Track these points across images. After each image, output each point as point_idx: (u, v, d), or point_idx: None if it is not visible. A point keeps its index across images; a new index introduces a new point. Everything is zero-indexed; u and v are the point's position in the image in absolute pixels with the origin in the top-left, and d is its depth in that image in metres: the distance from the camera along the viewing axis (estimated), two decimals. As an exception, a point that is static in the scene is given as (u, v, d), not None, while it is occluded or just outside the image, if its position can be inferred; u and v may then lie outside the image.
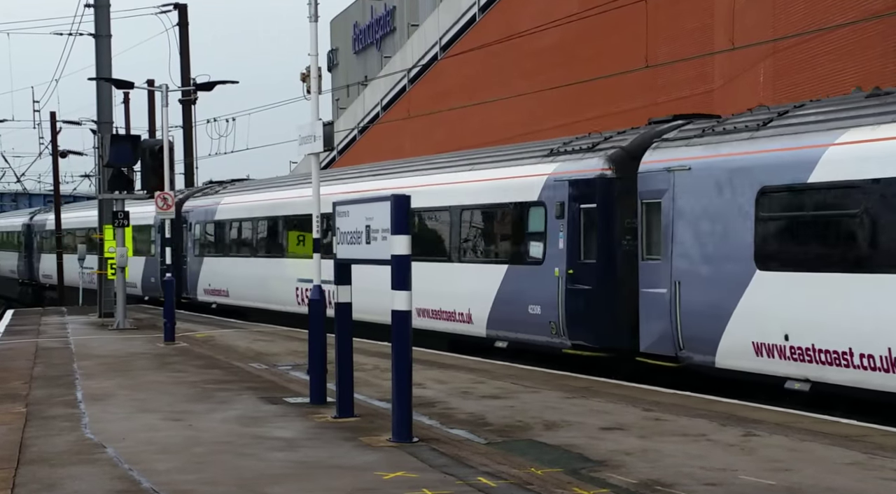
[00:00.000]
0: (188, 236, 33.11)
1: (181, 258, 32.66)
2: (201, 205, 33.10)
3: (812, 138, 13.32)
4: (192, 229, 33.05)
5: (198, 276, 32.51)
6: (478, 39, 33.15)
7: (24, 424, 12.03)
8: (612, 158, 16.81)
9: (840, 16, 19.34)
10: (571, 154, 17.76)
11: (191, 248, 33.01)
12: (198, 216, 32.86)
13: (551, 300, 17.26)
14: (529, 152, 19.31)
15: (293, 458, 9.95)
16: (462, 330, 19.75)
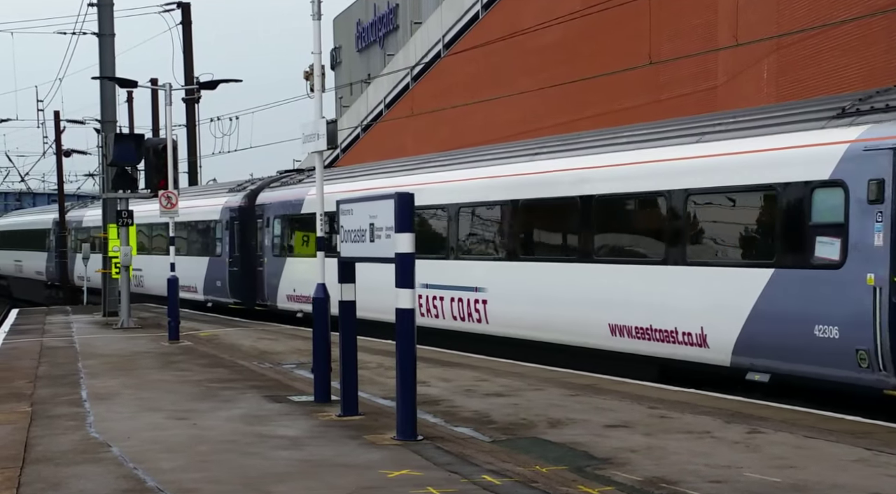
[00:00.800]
0: (265, 233, 28.49)
1: (254, 258, 28.91)
2: (282, 197, 28.19)
3: None
4: (269, 225, 28.36)
5: (278, 280, 27.65)
6: (481, 37, 33.13)
7: (28, 423, 12.04)
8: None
9: (844, 11, 19.31)
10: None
11: (269, 247, 28.28)
12: (277, 209, 28.11)
13: (859, 318, 12.36)
14: (800, 114, 14.42)
15: (298, 456, 9.95)
16: (687, 356, 14.94)
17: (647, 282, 15.59)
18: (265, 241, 28.48)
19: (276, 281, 27.76)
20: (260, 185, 30.59)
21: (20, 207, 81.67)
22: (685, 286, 14.93)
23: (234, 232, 26.86)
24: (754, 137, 14.50)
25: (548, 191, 18.04)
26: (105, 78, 29.06)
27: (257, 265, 28.61)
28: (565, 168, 17.80)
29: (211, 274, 31.47)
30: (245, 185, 31.33)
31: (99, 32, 29.62)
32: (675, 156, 15.52)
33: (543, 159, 18.76)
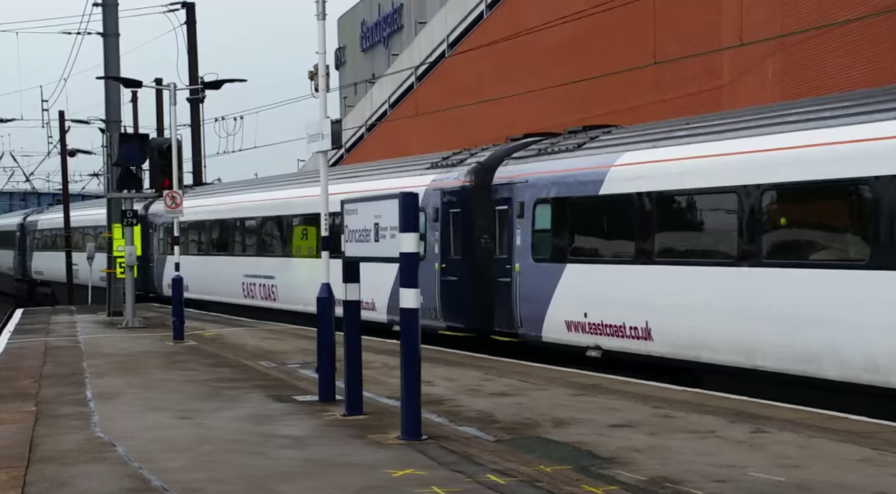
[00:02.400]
0: (515, 226, 19.21)
1: (490, 263, 19.87)
2: (551, 171, 18.54)
3: None
4: (524, 214, 18.98)
5: (547, 296, 18.16)
6: (485, 37, 33.14)
7: (34, 423, 12.06)
8: None
9: (849, 11, 19.30)
10: None
11: (523, 247, 18.97)
12: (542, 189, 18.58)
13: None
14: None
15: (302, 456, 9.96)
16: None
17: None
18: (515, 239, 19.09)
19: (543, 297, 18.15)
20: (495, 155, 20.60)
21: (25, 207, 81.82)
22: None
23: (451, 225, 20.08)
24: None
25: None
26: (110, 78, 29.09)
27: (499, 273, 19.39)
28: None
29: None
30: (461, 158, 21.59)
31: (103, 32, 29.64)
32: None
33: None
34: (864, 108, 13.30)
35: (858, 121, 13.07)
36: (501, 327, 19.27)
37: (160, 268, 36.94)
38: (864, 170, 12.64)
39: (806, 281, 13.32)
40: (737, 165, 14.53)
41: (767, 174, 14.00)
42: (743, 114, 16.11)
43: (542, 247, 18.43)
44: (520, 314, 18.65)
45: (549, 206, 18.20)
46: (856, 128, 12.99)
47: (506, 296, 19.06)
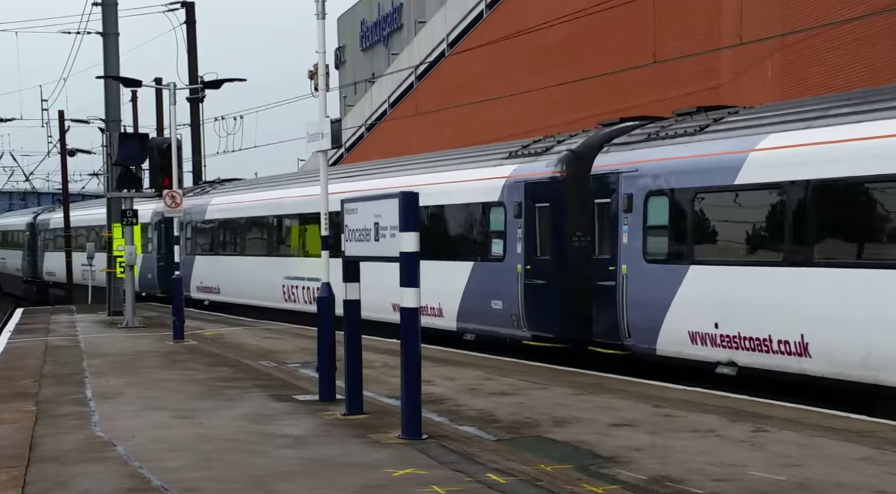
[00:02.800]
0: (622, 222, 16.51)
1: (587, 265, 17.29)
2: (669, 157, 15.85)
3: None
4: (633, 208, 16.26)
5: (664, 303, 15.53)
6: (485, 36, 33.14)
7: (34, 422, 12.06)
8: None
9: (849, 10, 19.30)
10: None
11: (632, 248, 16.26)
12: (656, 180, 15.97)
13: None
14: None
15: (302, 455, 9.96)
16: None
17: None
18: (621, 237, 16.53)
19: (659, 304, 15.57)
20: (590, 142, 18.13)
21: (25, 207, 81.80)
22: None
23: (537, 221, 17.93)
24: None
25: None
26: (109, 77, 29.09)
27: (599, 276, 16.88)
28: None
29: (478, 288, 19.78)
30: (546, 146, 18.92)
31: (103, 32, 29.64)
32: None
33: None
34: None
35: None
36: (602, 337, 16.66)
37: (187, 269, 33.50)
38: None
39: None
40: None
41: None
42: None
43: (656, 246, 15.78)
44: (627, 323, 15.99)
45: (667, 199, 15.57)
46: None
47: (608, 303, 16.41)
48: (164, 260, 35.29)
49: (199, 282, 32.99)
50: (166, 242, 34.92)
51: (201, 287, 32.68)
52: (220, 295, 32.13)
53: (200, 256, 33.24)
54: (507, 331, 18.57)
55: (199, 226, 33.65)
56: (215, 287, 32.18)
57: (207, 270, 32.80)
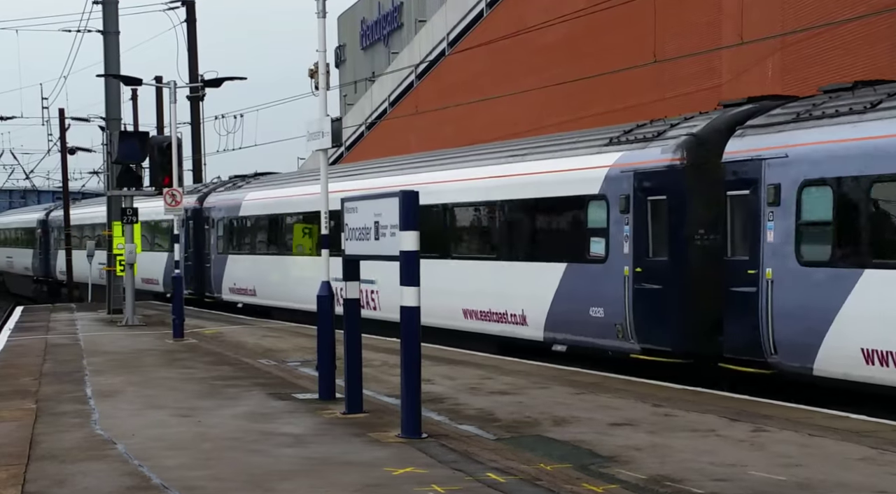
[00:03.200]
0: (775, 215, 14.04)
1: (719, 264, 14.87)
2: (831, 140, 13.55)
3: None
4: (789, 199, 13.83)
5: (826, 315, 13.11)
6: (485, 35, 33.12)
7: (34, 420, 12.06)
8: None
9: (849, 10, 19.30)
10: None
11: (785, 246, 13.87)
12: (813, 167, 13.57)
13: None
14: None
15: (302, 454, 9.96)
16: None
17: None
18: (764, 234, 14.10)
19: (818, 315, 13.19)
20: (715, 125, 15.74)
21: (25, 205, 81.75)
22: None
23: (650, 217, 15.43)
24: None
25: None
26: (110, 75, 29.09)
27: (732, 280, 14.47)
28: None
29: (572, 294, 17.19)
30: (658, 129, 16.39)
31: (104, 30, 29.65)
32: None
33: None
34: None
35: None
36: (737, 353, 14.28)
37: (219, 269, 32.01)
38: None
39: None
40: None
41: None
42: None
43: (815, 246, 13.37)
44: (773, 337, 13.60)
45: (830, 189, 13.10)
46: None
47: (747, 312, 13.98)
48: (192, 259, 32.67)
49: (233, 284, 30.75)
50: (195, 240, 33.03)
51: (235, 288, 30.53)
52: (256, 297, 29.45)
53: (234, 255, 30.88)
54: (610, 343, 16.11)
55: (232, 222, 31.22)
56: (250, 288, 29.67)
57: (242, 270, 30.23)
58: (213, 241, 32.37)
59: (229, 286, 31.10)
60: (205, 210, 33.20)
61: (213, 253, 32.47)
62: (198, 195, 33.76)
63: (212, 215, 32.55)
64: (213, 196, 33.30)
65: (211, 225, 32.58)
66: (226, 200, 32.09)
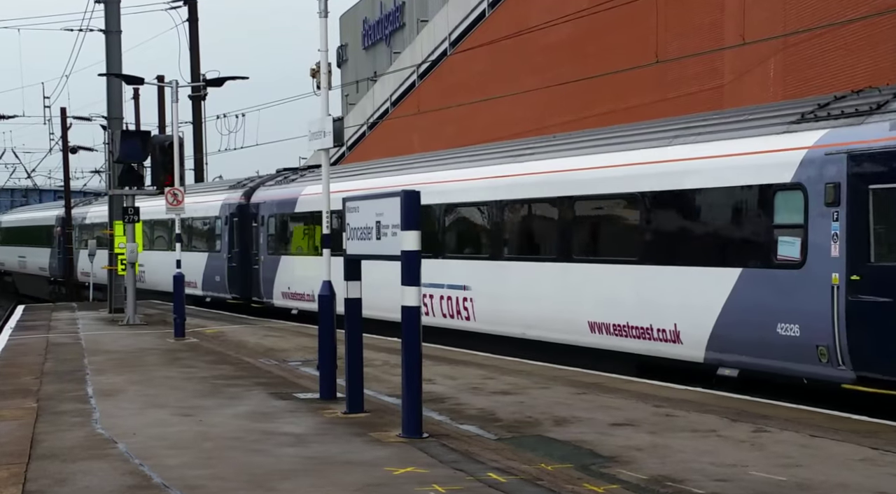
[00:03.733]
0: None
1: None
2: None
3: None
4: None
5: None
6: (487, 35, 33.12)
7: (35, 419, 12.06)
8: None
9: (852, 10, 19.28)
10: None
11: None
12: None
13: None
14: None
15: (303, 454, 9.96)
16: None
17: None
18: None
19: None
20: None
21: (26, 204, 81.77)
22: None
23: (871, 211, 12.55)
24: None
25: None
26: (111, 75, 29.09)
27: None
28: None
29: (750, 305, 14.10)
30: (875, 101, 13.35)
31: (105, 29, 29.65)
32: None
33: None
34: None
35: None
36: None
37: (270, 272, 28.33)
38: None
39: None
40: None
41: None
42: None
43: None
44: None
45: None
46: None
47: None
48: (236, 260, 29.71)
49: (287, 288, 27.42)
50: (240, 238, 29.85)
51: (289, 293, 27.27)
52: (315, 303, 24.42)
53: (289, 256, 27.59)
54: (808, 369, 13.10)
55: (286, 220, 27.93)
56: (308, 293, 25.95)
57: (299, 273, 26.82)
58: (263, 241, 28.84)
59: (282, 290, 27.75)
60: (252, 206, 29.65)
61: (262, 254, 29.04)
62: (243, 190, 30.61)
63: (260, 212, 29.08)
64: (261, 191, 29.74)
65: (260, 222, 29.00)
66: (278, 195, 28.68)
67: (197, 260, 32.41)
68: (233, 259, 29.97)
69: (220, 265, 30.74)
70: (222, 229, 25.45)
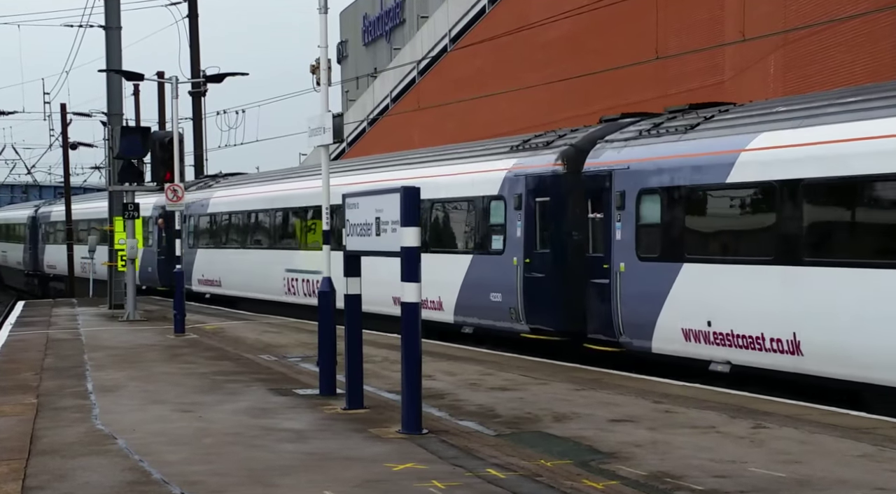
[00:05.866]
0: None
1: None
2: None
3: None
4: None
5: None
6: (487, 31, 33.12)
7: (34, 415, 12.07)
8: None
9: (851, 7, 19.28)
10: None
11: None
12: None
13: None
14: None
15: (303, 449, 9.97)
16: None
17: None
18: None
19: None
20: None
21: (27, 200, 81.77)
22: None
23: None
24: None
25: None
26: (111, 71, 29.08)
27: None
28: None
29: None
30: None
31: (105, 25, 29.64)
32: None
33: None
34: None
35: None
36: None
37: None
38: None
39: None
40: None
41: None
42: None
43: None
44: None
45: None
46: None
47: None
48: (541, 268, 17.92)
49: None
50: (555, 230, 17.77)
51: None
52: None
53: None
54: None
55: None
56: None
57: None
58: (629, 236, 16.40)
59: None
60: (596, 177, 16.94)
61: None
62: (558, 150, 18.20)
63: (617, 185, 16.37)
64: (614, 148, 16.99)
65: (622, 202, 16.20)
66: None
67: (446, 266, 20.68)
68: (536, 265, 18.21)
69: (504, 275, 18.97)
70: (506, 216, 18.24)
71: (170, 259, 32.11)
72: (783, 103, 14.97)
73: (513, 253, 18.59)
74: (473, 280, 19.73)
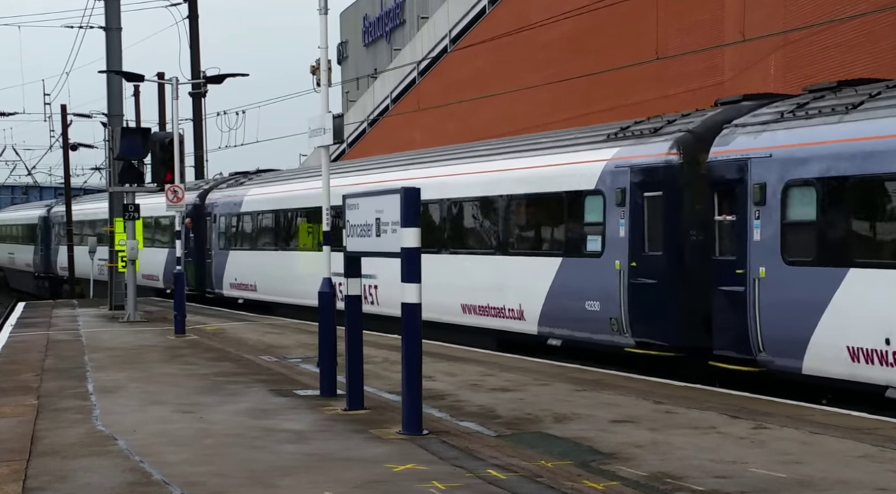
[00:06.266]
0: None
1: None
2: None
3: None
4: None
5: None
6: (488, 31, 33.11)
7: (35, 416, 12.07)
8: None
9: (851, 7, 19.28)
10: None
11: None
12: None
13: None
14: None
15: (303, 450, 9.97)
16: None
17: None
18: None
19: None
20: None
21: (27, 201, 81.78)
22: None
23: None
24: None
25: None
26: (112, 72, 29.09)
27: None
28: None
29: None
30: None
31: (106, 26, 29.64)
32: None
33: None
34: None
35: None
36: None
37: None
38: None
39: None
40: None
41: None
42: None
43: None
44: None
45: None
46: None
47: None
48: (665, 274, 14.04)
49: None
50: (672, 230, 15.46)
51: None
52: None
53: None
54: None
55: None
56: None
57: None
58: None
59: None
60: (729, 164, 14.77)
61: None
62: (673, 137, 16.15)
63: (753, 176, 14.37)
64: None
65: (763, 196, 14.19)
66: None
67: (528, 271, 18.69)
68: (644, 270, 16.09)
69: (602, 280, 16.88)
70: (605, 214, 16.54)
71: (198, 260, 31.68)
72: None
73: (614, 256, 16.16)
74: (563, 286, 17.29)
